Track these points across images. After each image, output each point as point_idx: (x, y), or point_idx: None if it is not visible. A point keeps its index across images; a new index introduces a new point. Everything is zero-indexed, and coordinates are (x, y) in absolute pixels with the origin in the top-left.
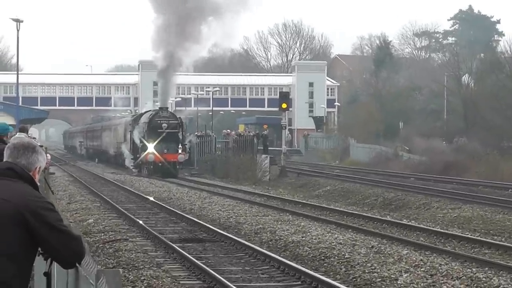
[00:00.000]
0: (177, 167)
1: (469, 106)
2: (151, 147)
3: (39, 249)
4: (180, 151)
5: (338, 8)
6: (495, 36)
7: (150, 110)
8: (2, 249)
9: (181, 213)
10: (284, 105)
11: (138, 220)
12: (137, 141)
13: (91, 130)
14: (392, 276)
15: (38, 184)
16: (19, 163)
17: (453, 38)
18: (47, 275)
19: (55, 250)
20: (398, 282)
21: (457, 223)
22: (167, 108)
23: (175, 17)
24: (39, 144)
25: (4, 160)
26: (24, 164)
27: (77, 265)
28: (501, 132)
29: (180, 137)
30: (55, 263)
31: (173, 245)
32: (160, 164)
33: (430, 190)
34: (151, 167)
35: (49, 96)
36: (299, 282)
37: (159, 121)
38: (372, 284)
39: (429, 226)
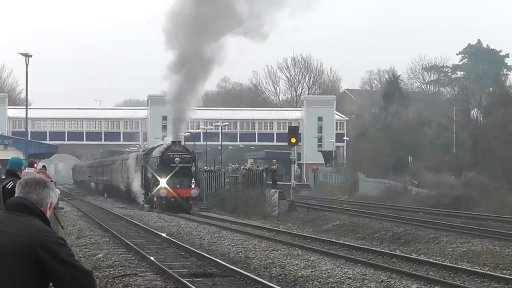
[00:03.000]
0: (190, 202)
1: (478, 140)
2: (163, 182)
3: (51, 284)
4: (193, 185)
5: (347, 42)
6: (504, 70)
7: (162, 144)
8: (14, 284)
9: (190, 247)
10: (293, 140)
11: (147, 255)
12: (149, 176)
13: (101, 165)
14: None
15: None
16: (31, 198)
17: (462, 72)
18: None
19: (67, 285)
20: None
21: (467, 257)
22: (180, 141)
23: (188, 50)
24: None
25: (16, 195)
26: (35, 199)
27: None
28: (510, 166)
29: (193, 171)
30: None
31: (183, 280)
32: (172, 199)
33: (439, 224)
34: (163, 202)
35: (58, 131)
36: None
37: (171, 155)
38: None
39: (439, 260)
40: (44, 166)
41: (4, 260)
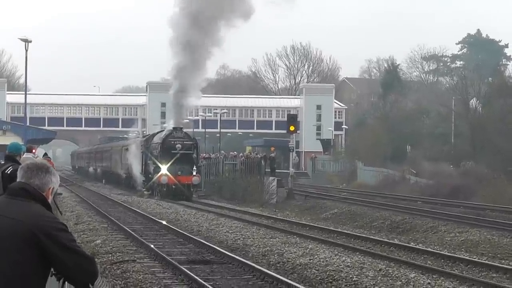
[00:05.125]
0: (191, 189)
1: (477, 130)
2: (164, 169)
3: (52, 269)
4: (194, 173)
5: (347, 31)
6: (503, 60)
7: (163, 130)
8: (15, 270)
9: (188, 234)
10: (292, 128)
11: (145, 241)
12: (150, 162)
13: (100, 151)
14: None
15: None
16: (33, 183)
17: (461, 62)
18: None
19: (69, 270)
20: None
21: (465, 246)
22: (181, 128)
23: (191, 35)
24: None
25: (18, 180)
26: (37, 184)
27: (90, 285)
28: (508, 156)
29: (195, 158)
30: (68, 283)
31: (181, 266)
32: (173, 186)
33: (438, 214)
34: (164, 189)
35: (56, 117)
36: None
37: (173, 142)
38: None
39: (437, 250)
40: (46, 154)
41: (5, 245)
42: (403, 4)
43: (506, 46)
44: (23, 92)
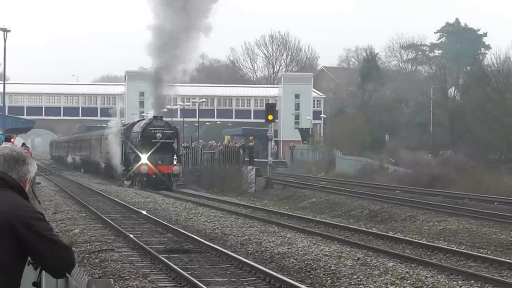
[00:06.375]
0: (172, 179)
1: (455, 119)
2: (144, 158)
3: (29, 258)
4: (175, 162)
5: (325, 20)
6: (482, 49)
7: (143, 119)
8: None
9: (167, 224)
10: (270, 117)
11: (124, 231)
12: (130, 152)
13: (80, 140)
14: None
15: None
16: (10, 176)
17: (440, 51)
18: (37, 284)
19: (46, 259)
20: None
21: (443, 235)
22: (162, 117)
23: (173, 25)
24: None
25: None
26: (15, 178)
27: (67, 274)
28: (487, 145)
29: (175, 147)
30: (45, 272)
31: (159, 255)
32: (153, 176)
33: (416, 203)
34: (144, 179)
35: (35, 106)
36: None
37: (153, 131)
38: None
39: (415, 239)
40: (24, 144)
41: None
42: None
43: (485, 35)
44: (2, 82)
